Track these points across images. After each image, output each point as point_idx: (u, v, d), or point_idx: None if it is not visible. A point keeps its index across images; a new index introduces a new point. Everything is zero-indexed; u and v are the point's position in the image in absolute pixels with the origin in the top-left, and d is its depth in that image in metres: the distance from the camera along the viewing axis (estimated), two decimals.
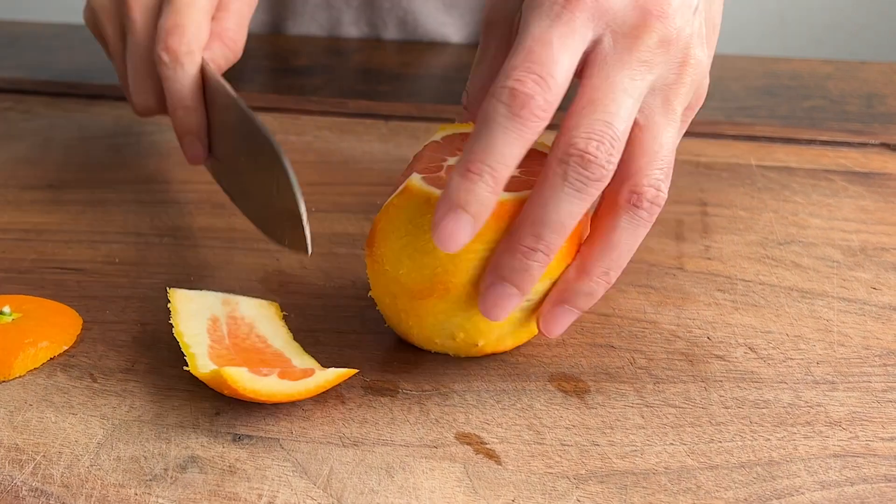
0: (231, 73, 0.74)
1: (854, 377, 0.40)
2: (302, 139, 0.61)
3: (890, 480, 0.34)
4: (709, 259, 0.48)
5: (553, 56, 0.34)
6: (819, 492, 0.34)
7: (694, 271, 0.47)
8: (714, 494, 0.34)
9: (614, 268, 0.37)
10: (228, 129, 0.46)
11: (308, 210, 0.52)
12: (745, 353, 0.41)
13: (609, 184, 0.36)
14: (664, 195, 0.36)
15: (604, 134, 0.34)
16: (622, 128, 0.35)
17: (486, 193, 0.34)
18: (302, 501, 0.33)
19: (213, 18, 0.49)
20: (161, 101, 0.50)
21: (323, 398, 0.38)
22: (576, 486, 0.34)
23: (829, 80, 0.74)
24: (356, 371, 0.38)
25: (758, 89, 0.72)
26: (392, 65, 0.77)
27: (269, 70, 0.76)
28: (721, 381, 0.39)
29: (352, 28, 0.82)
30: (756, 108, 0.67)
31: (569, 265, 0.37)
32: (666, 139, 0.37)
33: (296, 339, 0.42)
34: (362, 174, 0.57)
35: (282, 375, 0.36)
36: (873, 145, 0.61)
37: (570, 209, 0.35)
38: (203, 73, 0.47)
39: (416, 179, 0.38)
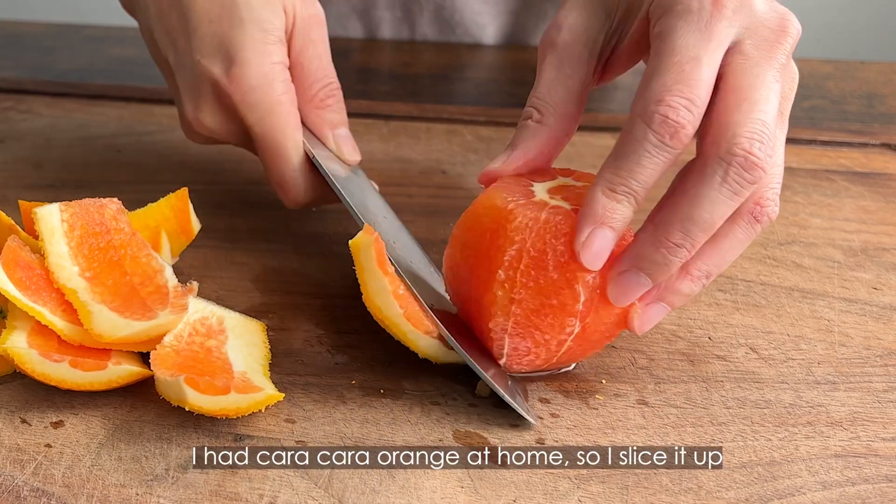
0: None
1: (855, 377, 0.40)
2: None
3: (891, 480, 0.34)
4: None
5: (702, 75, 0.34)
6: (820, 492, 0.34)
7: None
8: (715, 494, 0.34)
9: (715, 271, 0.37)
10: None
11: (309, 210, 0.52)
12: (747, 353, 0.41)
13: None
14: (778, 211, 0.36)
15: (764, 134, 0.34)
16: (773, 129, 0.34)
17: (630, 212, 0.35)
18: (303, 502, 0.33)
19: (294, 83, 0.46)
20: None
21: (324, 398, 0.38)
22: (577, 487, 0.34)
23: (829, 80, 0.74)
24: (151, 373, 0.37)
25: None
26: (393, 65, 0.77)
27: None
28: (722, 382, 0.39)
29: (385, 12, 0.81)
30: None
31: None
32: (782, 157, 0.37)
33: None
34: None
35: (73, 364, 0.37)
36: (874, 145, 0.61)
37: (723, 210, 0.34)
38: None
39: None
